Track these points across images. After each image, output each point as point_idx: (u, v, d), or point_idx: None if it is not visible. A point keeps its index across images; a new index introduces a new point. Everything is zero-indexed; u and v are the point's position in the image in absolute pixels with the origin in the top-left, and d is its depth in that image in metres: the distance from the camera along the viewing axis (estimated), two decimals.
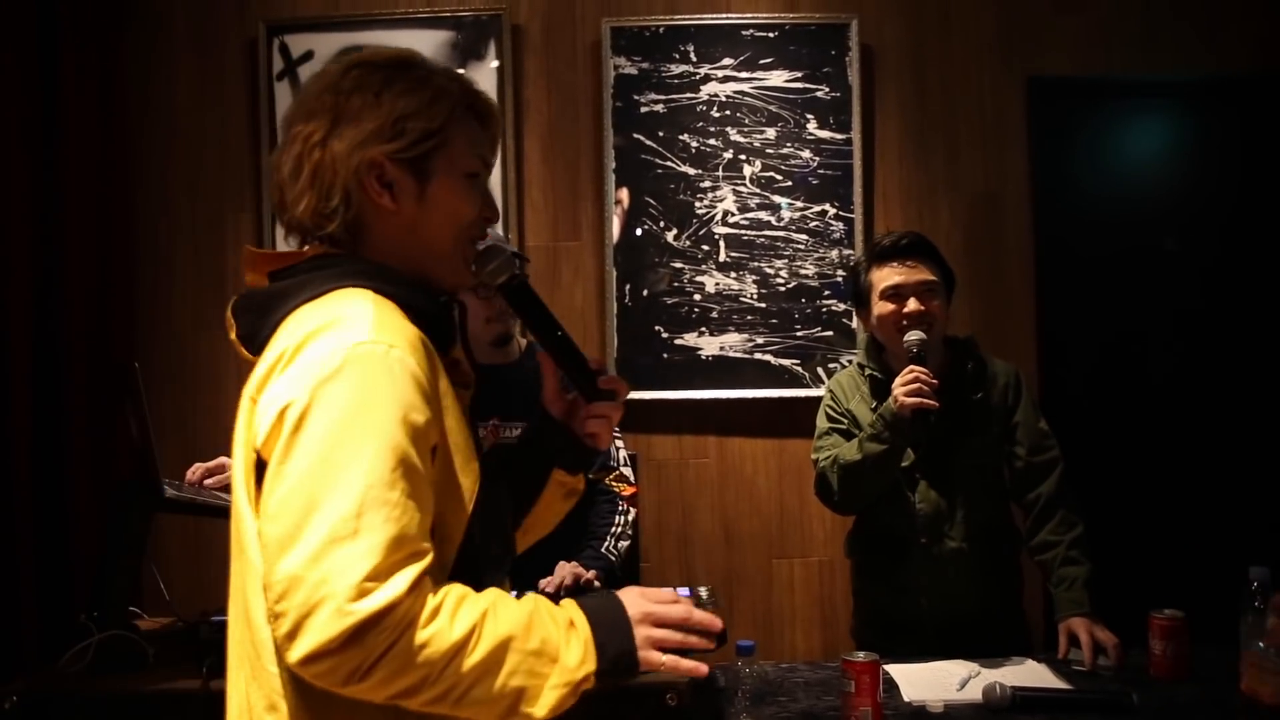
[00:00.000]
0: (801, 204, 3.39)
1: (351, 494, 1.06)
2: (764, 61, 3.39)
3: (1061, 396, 3.40)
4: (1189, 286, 3.56)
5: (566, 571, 2.29)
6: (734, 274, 3.40)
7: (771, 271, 3.39)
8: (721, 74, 3.39)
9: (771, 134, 3.39)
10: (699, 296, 3.39)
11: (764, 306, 3.39)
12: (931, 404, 2.17)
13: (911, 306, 2.29)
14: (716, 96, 3.39)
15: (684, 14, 3.41)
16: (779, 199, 3.39)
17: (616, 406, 1.44)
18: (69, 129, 3.18)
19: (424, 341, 1.20)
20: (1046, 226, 3.45)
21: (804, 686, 2.06)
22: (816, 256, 3.39)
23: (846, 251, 3.38)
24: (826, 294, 3.39)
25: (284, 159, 1.27)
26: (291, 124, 1.28)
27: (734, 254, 3.40)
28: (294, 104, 1.31)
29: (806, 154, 3.39)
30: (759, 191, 3.39)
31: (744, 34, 3.39)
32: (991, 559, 2.34)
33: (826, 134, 3.39)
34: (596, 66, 3.41)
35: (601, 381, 1.41)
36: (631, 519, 2.54)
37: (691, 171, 3.39)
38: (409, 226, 1.27)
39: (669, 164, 3.40)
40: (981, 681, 1.96)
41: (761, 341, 3.39)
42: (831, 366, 3.37)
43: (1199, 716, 1.88)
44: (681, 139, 3.40)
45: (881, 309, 2.34)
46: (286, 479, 1.08)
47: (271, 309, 1.23)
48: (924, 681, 2.04)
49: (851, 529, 2.53)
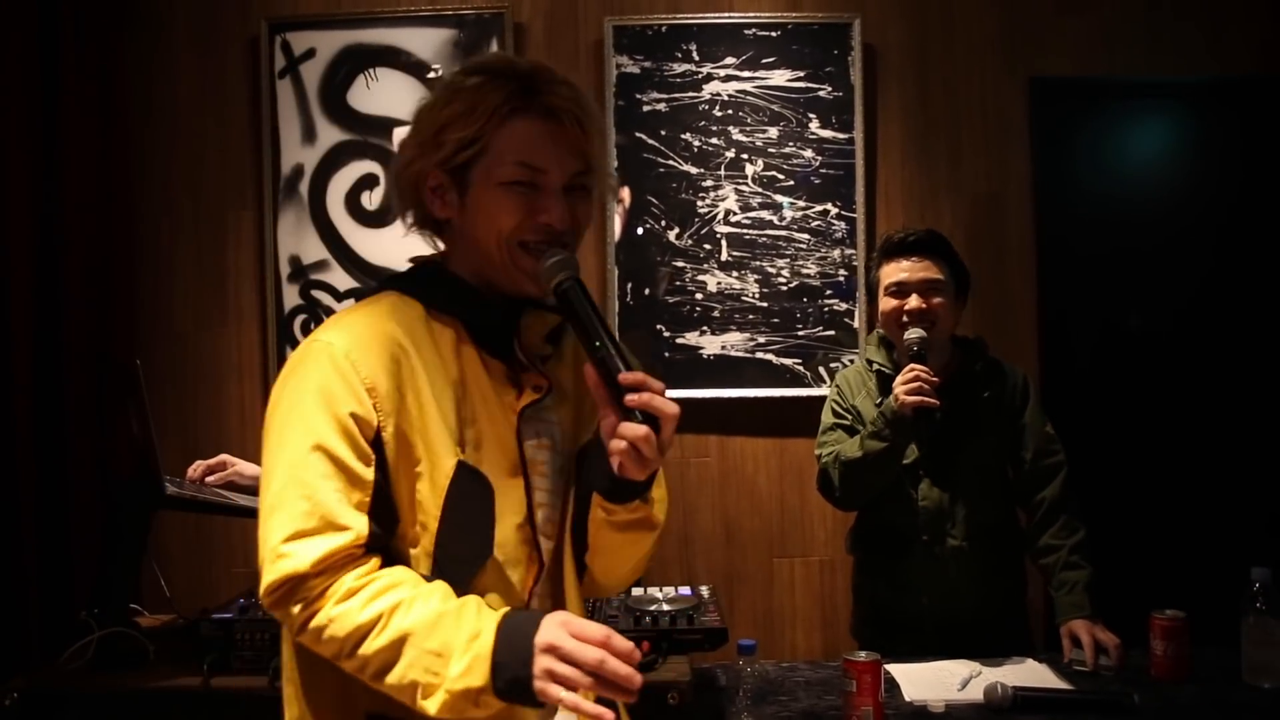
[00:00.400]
0: (803, 203, 3.39)
1: (279, 474, 1.22)
2: (766, 61, 3.39)
3: (1063, 397, 3.40)
4: (1190, 287, 3.55)
5: None
6: (736, 273, 3.39)
7: (773, 271, 3.39)
8: (724, 73, 3.39)
9: (774, 133, 3.39)
10: (700, 295, 3.39)
11: (765, 306, 3.39)
12: (932, 402, 2.17)
13: (913, 303, 2.30)
14: (719, 96, 3.39)
15: (686, 13, 3.41)
16: (781, 198, 3.39)
17: (642, 435, 1.20)
18: (70, 127, 3.18)
19: (395, 341, 1.27)
20: (1048, 227, 3.45)
21: (805, 686, 2.06)
22: (818, 256, 3.39)
23: (848, 251, 3.38)
24: (828, 293, 3.38)
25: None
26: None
27: (736, 253, 3.40)
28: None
29: (809, 153, 3.39)
30: (761, 191, 3.39)
31: (746, 33, 3.39)
32: (993, 560, 2.33)
33: (829, 133, 3.39)
34: (599, 65, 3.41)
35: (627, 400, 1.21)
36: None
37: (693, 170, 3.39)
38: (462, 233, 1.34)
39: (671, 163, 3.40)
40: (983, 681, 1.96)
41: (763, 341, 3.39)
42: (833, 366, 3.37)
43: (1200, 717, 1.88)
44: (684, 138, 3.39)
45: (885, 304, 2.36)
46: (262, 458, 1.28)
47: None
48: (925, 681, 2.04)
49: (853, 525, 2.53)
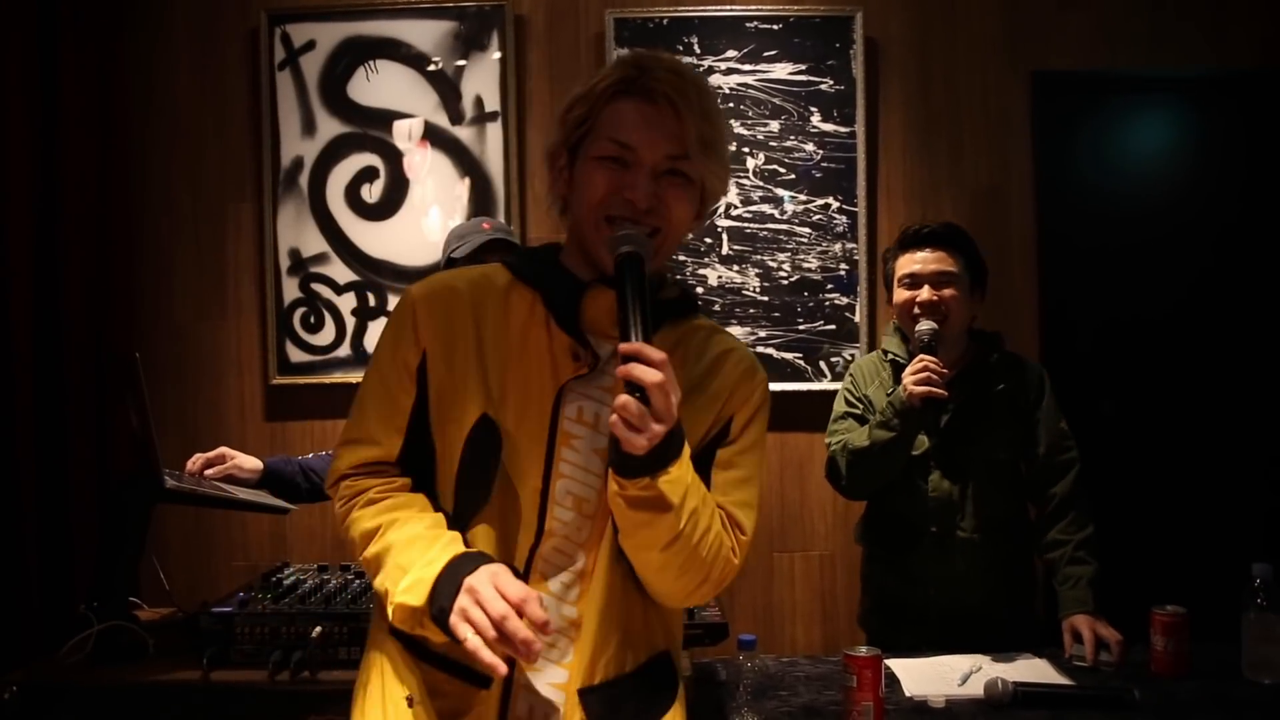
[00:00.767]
0: (805, 197, 3.38)
1: (360, 387, 1.48)
2: (768, 54, 3.38)
3: (1063, 391, 3.37)
4: (1192, 282, 3.55)
5: None
6: (737, 267, 3.39)
7: (774, 265, 3.38)
8: (725, 66, 3.38)
9: (775, 127, 3.38)
10: (702, 289, 3.39)
11: (767, 300, 3.38)
12: (940, 393, 2.18)
13: (924, 295, 2.31)
14: (720, 89, 3.38)
15: (687, 6, 3.40)
16: (782, 192, 3.39)
17: (620, 404, 1.20)
18: (69, 120, 3.17)
19: (455, 294, 1.43)
20: (1049, 221, 3.45)
21: (805, 681, 2.06)
22: (819, 250, 3.38)
23: (849, 245, 3.37)
24: (829, 288, 3.38)
25: None
26: None
27: (737, 247, 3.39)
28: None
29: (810, 147, 3.38)
30: (762, 184, 3.39)
31: (748, 26, 3.38)
32: (1002, 553, 2.33)
33: (830, 127, 3.38)
34: (600, 58, 3.40)
35: (618, 370, 1.21)
36: None
37: None
38: (573, 207, 1.43)
39: None
40: (983, 677, 1.96)
41: (764, 335, 3.39)
42: (834, 360, 3.37)
43: (1200, 712, 1.88)
44: None
45: (898, 295, 2.37)
46: None
47: None
48: (926, 676, 2.04)
49: (863, 515, 2.53)
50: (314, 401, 3.42)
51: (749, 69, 3.38)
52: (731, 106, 3.38)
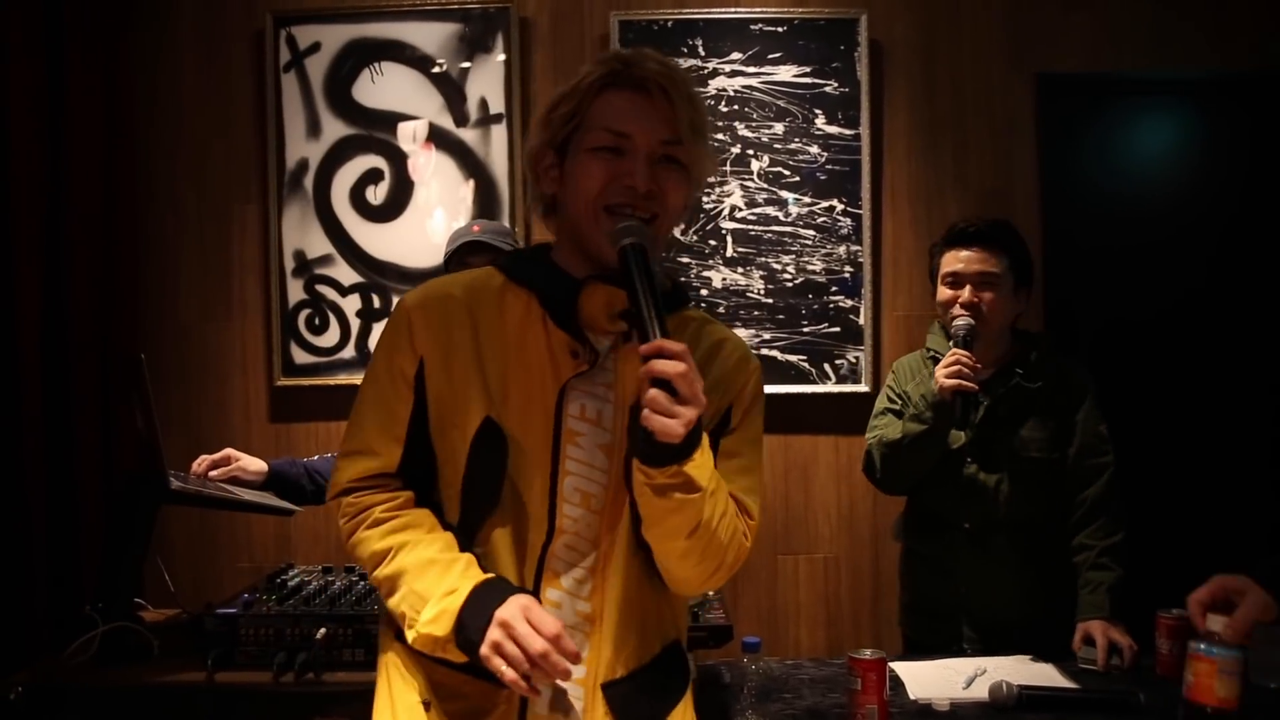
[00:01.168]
0: (809, 199, 3.38)
1: (357, 399, 1.46)
2: (772, 56, 3.38)
3: None
4: (1196, 283, 3.54)
5: None
6: (741, 269, 3.39)
7: (779, 267, 3.38)
8: (730, 68, 3.38)
9: (780, 129, 3.38)
10: (706, 291, 3.39)
11: (771, 302, 3.38)
12: (970, 386, 2.20)
13: (964, 296, 2.32)
14: (725, 91, 3.38)
15: (692, 8, 3.40)
16: (786, 194, 3.38)
17: (649, 398, 1.23)
18: (76, 121, 3.18)
19: (451, 300, 1.43)
20: (1054, 222, 3.44)
21: (809, 683, 2.06)
22: (824, 252, 3.38)
23: (854, 247, 3.37)
24: (834, 290, 3.38)
25: None
26: None
27: (741, 249, 3.39)
28: None
29: (814, 149, 3.38)
30: (767, 187, 3.38)
31: (752, 28, 3.38)
32: (1036, 553, 2.33)
33: (835, 129, 3.38)
34: None
35: (641, 370, 1.24)
36: None
37: None
38: (563, 206, 1.44)
39: None
40: (988, 680, 1.96)
41: (768, 337, 3.38)
42: (838, 362, 3.36)
43: None
44: None
45: (940, 293, 2.38)
46: None
47: None
48: (930, 679, 2.04)
49: (903, 511, 2.54)
50: (318, 403, 3.42)
51: (753, 71, 3.38)
52: (736, 109, 3.38)
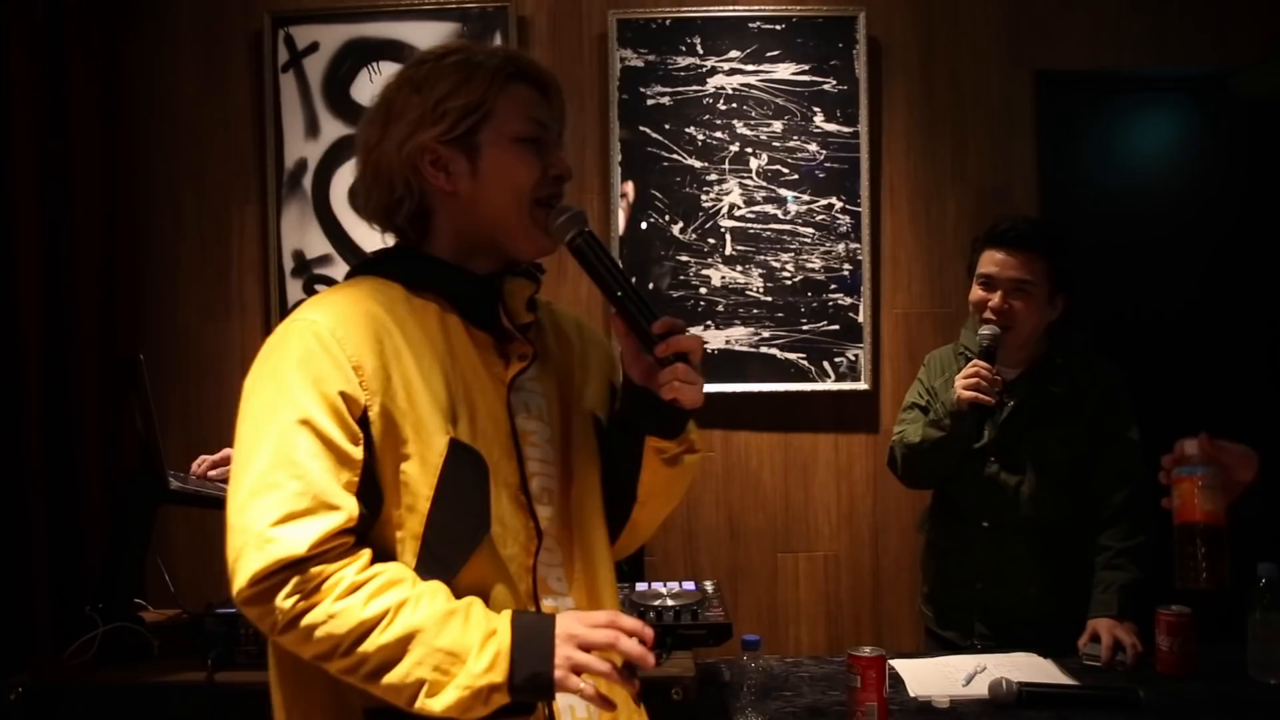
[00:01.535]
0: (808, 197, 3.38)
1: (264, 454, 1.19)
2: (771, 54, 3.38)
3: None
4: (1195, 279, 3.54)
5: None
6: (740, 267, 3.39)
7: (778, 265, 3.38)
8: (728, 67, 3.38)
9: (778, 127, 3.38)
10: (705, 290, 3.39)
11: (770, 300, 3.38)
12: (986, 400, 2.20)
13: (994, 301, 2.30)
14: (723, 89, 3.38)
15: (690, 6, 3.39)
16: (785, 192, 3.38)
17: (682, 373, 1.30)
18: (75, 121, 3.17)
19: (376, 318, 1.27)
20: (1053, 220, 3.44)
21: (809, 681, 2.06)
22: (823, 250, 3.38)
23: (853, 245, 3.37)
24: (833, 288, 3.38)
25: (357, 172, 1.39)
26: (358, 140, 1.39)
27: (740, 247, 3.39)
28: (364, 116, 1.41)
29: (813, 147, 3.38)
30: (765, 185, 3.38)
31: (750, 26, 3.38)
32: (1054, 555, 2.32)
33: (833, 127, 3.38)
34: (602, 59, 3.40)
35: (658, 350, 1.31)
36: None
37: (698, 164, 3.38)
38: (470, 204, 1.35)
39: (675, 157, 3.39)
40: (988, 677, 1.96)
41: (767, 335, 3.38)
42: (837, 360, 3.36)
43: (1205, 712, 1.88)
44: (688, 132, 3.38)
45: (973, 292, 2.37)
46: (235, 440, 1.26)
47: None
48: (930, 677, 2.04)
49: (928, 505, 2.56)
50: None
51: (752, 69, 3.38)
52: (734, 107, 3.38)
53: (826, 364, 3.38)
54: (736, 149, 3.38)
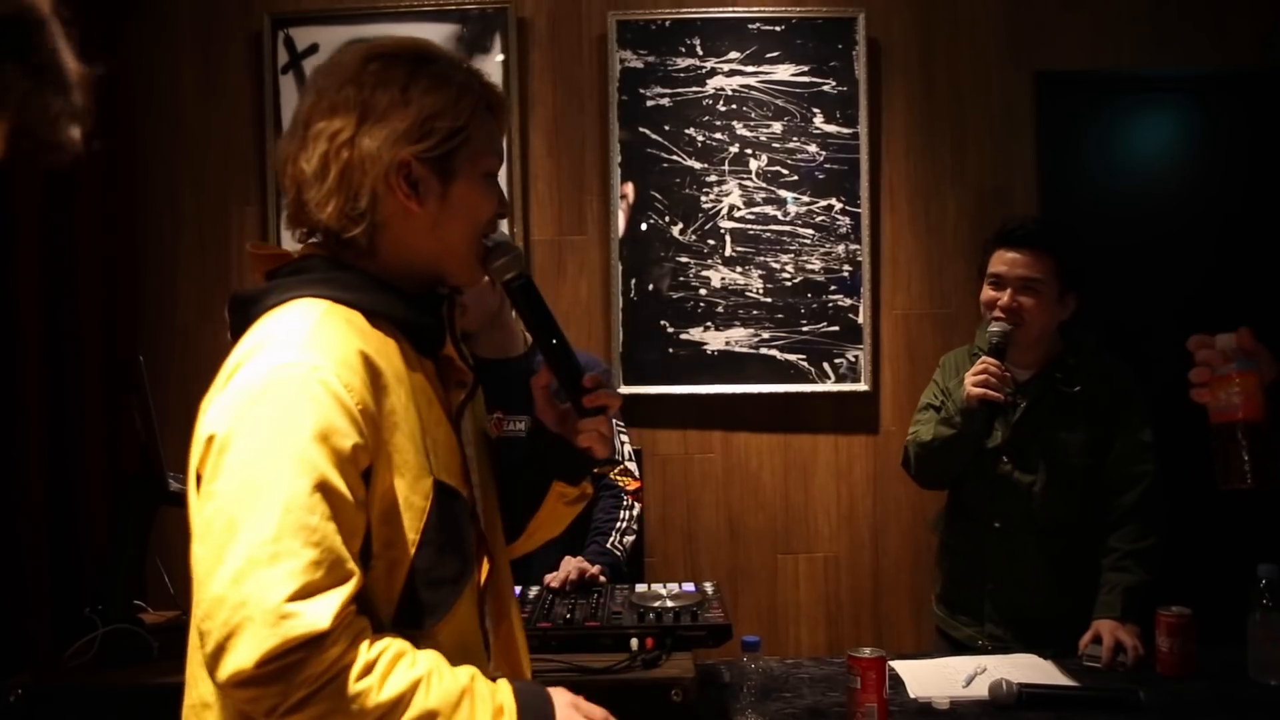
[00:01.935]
0: (808, 198, 3.38)
1: (270, 518, 1.04)
2: (770, 55, 3.38)
3: None
4: (1195, 280, 3.54)
5: (572, 567, 2.29)
6: (740, 268, 3.39)
7: (777, 266, 3.38)
8: (728, 68, 3.38)
9: (778, 128, 3.38)
10: (704, 291, 3.39)
11: (770, 301, 3.38)
12: (995, 396, 2.20)
13: (1004, 300, 2.30)
14: (723, 90, 3.38)
15: (690, 7, 3.39)
16: (785, 193, 3.38)
17: (601, 421, 1.38)
18: None
19: (369, 357, 1.16)
20: (1053, 220, 3.44)
21: (809, 682, 2.06)
22: (823, 251, 3.38)
23: (852, 246, 3.37)
24: (832, 289, 3.38)
25: (305, 157, 1.22)
26: (311, 120, 1.23)
27: (740, 248, 3.39)
28: (310, 96, 1.25)
29: (813, 148, 3.38)
30: (765, 186, 3.38)
31: (750, 28, 3.38)
32: (1065, 557, 2.32)
33: (833, 128, 3.38)
34: (602, 60, 3.40)
35: (586, 400, 1.36)
36: (636, 514, 2.54)
37: (697, 166, 3.38)
38: (430, 226, 1.26)
39: (675, 158, 3.39)
40: (988, 678, 1.95)
41: (767, 336, 3.38)
42: (837, 361, 3.36)
43: (1205, 713, 1.88)
44: (687, 133, 3.38)
45: (983, 293, 2.37)
46: (211, 500, 1.08)
47: (248, 311, 1.25)
48: (930, 678, 2.03)
49: (943, 507, 2.56)
50: None
51: (751, 70, 3.38)
52: (734, 108, 3.38)
53: (826, 365, 3.38)
54: (736, 150, 3.38)
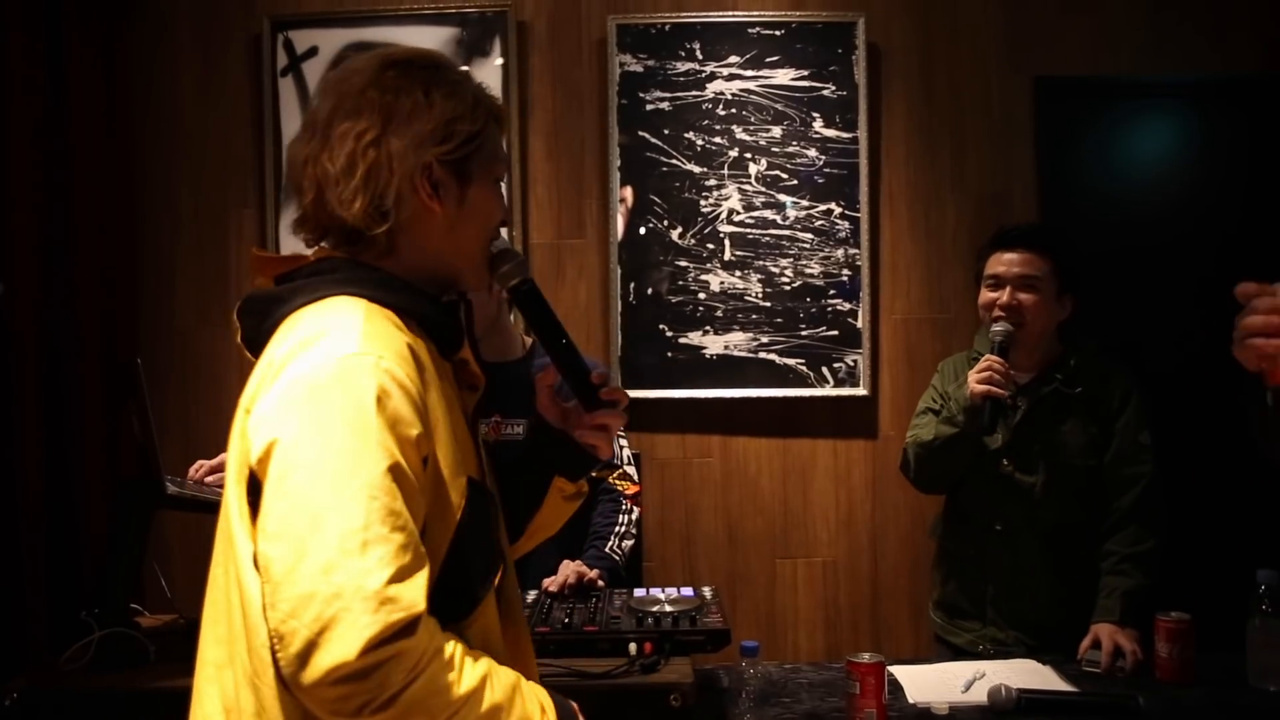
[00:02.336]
0: (807, 203, 3.38)
1: (357, 507, 1.04)
2: (770, 60, 3.38)
3: None
4: (1195, 286, 3.54)
5: (570, 570, 2.28)
6: (739, 273, 3.38)
7: (776, 270, 3.38)
8: (727, 72, 3.38)
9: (777, 132, 3.38)
10: (703, 295, 3.38)
11: (769, 306, 3.38)
12: (999, 393, 2.21)
13: (1004, 298, 2.32)
14: (722, 94, 3.38)
15: (690, 11, 3.40)
16: (784, 198, 3.38)
17: (617, 415, 1.44)
18: (74, 125, 3.17)
19: (415, 352, 1.19)
20: (1053, 226, 3.44)
21: (808, 687, 2.05)
22: (822, 256, 3.38)
23: (852, 251, 3.37)
24: (832, 293, 3.37)
25: (329, 156, 1.23)
26: (334, 121, 1.24)
27: (739, 253, 3.39)
28: (330, 100, 1.26)
29: (812, 153, 3.38)
30: (764, 190, 3.38)
31: (750, 32, 3.38)
32: (1066, 558, 2.32)
33: (832, 133, 3.38)
34: (602, 64, 3.40)
35: (604, 391, 1.42)
36: (635, 518, 2.53)
37: (697, 169, 3.38)
38: (447, 229, 1.28)
39: (674, 162, 3.39)
40: (986, 683, 1.95)
41: (766, 341, 3.38)
42: (836, 366, 3.36)
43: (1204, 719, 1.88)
44: (687, 137, 3.38)
45: (982, 295, 2.40)
46: (286, 497, 1.06)
47: (270, 312, 1.23)
48: (929, 683, 2.03)
49: (940, 512, 2.56)
50: None
51: (751, 75, 3.38)
52: (733, 112, 3.38)
53: (825, 369, 3.37)
54: (736, 154, 3.38)
